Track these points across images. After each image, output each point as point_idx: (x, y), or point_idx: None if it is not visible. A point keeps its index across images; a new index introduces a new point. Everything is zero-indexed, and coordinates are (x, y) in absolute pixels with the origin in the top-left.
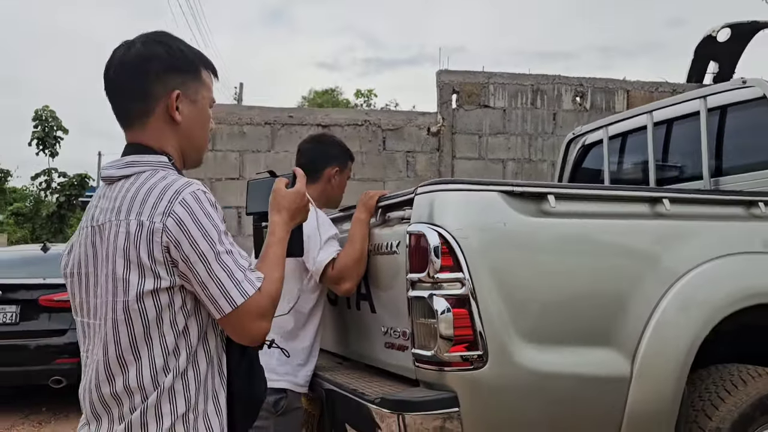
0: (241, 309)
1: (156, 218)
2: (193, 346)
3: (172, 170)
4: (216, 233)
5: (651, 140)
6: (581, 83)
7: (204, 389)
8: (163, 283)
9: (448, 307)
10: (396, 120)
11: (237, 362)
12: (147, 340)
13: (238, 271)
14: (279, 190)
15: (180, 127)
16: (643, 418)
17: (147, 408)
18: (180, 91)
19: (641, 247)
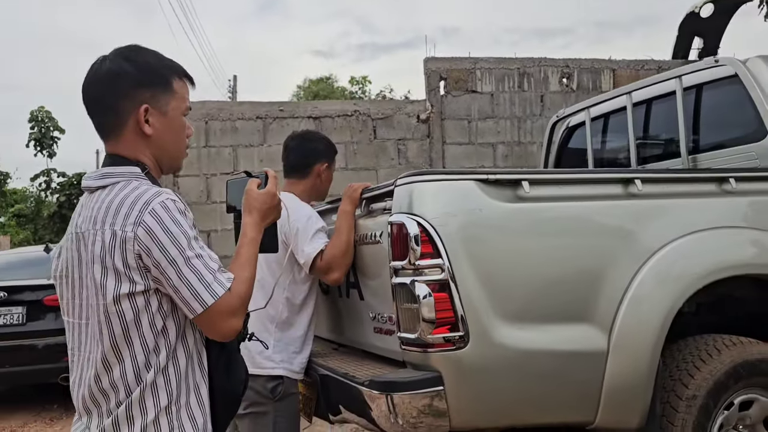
0: (211, 309)
1: (128, 228)
2: (172, 344)
3: (144, 180)
4: (185, 239)
5: (631, 120)
6: (567, 65)
7: (186, 383)
8: (137, 287)
9: (429, 292)
10: (386, 109)
11: (216, 357)
12: (127, 339)
13: (208, 274)
14: (251, 191)
15: (152, 138)
16: (621, 389)
17: (132, 402)
18: (148, 105)
19: (615, 226)
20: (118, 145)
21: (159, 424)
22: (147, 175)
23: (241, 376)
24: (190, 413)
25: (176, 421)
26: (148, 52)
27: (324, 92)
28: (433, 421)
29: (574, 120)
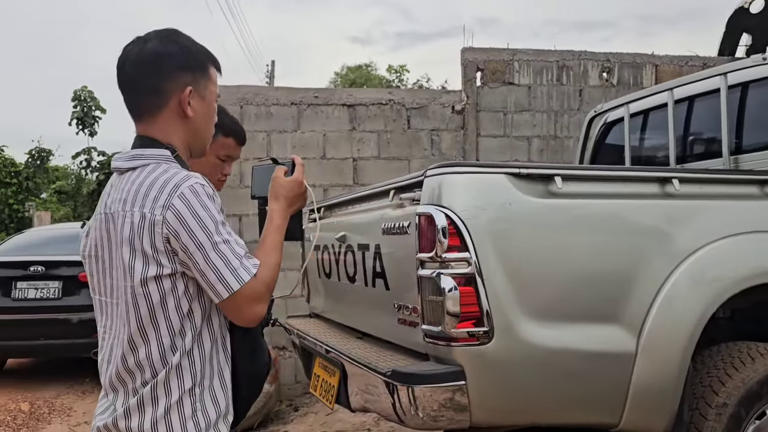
0: (237, 294)
1: (156, 211)
2: (197, 327)
3: (174, 163)
4: (213, 224)
5: (671, 118)
6: (608, 59)
7: (210, 366)
8: (165, 270)
9: (454, 286)
10: (420, 98)
11: (240, 341)
12: (153, 321)
13: (235, 259)
14: (278, 178)
15: (190, 121)
16: (648, 393)
17: (157, 383)
18: (192, 88)
19: (650, 226)
20: (152, 126)
21: (182, 405)
22: (176, 158)
23: (265, 359)
24: (213, 396)
25: (199, 402)
26: (187, 36)
27: (361, 80)
28: (453, 415)
29: (613, 115)
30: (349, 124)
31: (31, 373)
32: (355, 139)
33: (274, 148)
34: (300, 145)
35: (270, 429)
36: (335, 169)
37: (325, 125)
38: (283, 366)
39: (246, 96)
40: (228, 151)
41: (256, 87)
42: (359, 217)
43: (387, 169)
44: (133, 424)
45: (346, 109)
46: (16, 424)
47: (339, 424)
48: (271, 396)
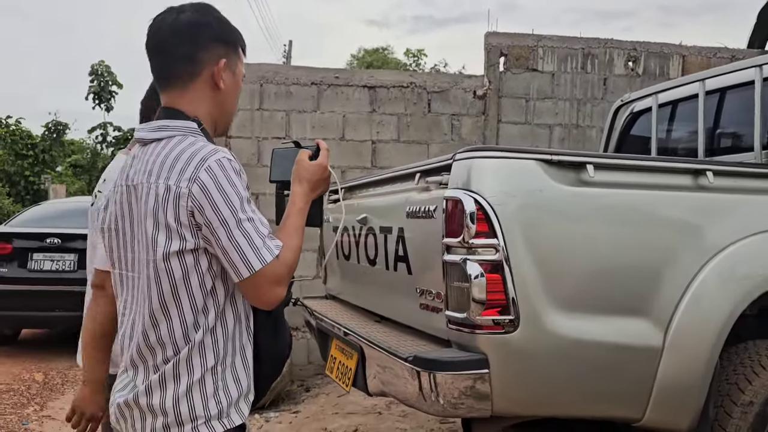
0: (258, 274)
1: (182, 183)
2: (220, 305)
3: (201, 136)
4: (238, 200)
5: (702, 109)
6: (635, 47)
7: (232, 345)
8: (188, 245)
9: (481, 272)
10: (442, 82)
11: (263, 320)
12: (176, 297)
13: (258, 239)
14: (302, 161)
15: (220, 93)
16: (673, 389)
17: (179, 360)
18: (225, 60)
19: (681, 219)
20: (181, 97)
21: (204, 383)
22: (203, 132)
23: (287, 338)
24: (235, 374)
25: (221, 381)
26: (219, 11)
27: (378, 63)
28: (474, 403)
29: (640, 105)
30: (369, 106)
31: (45, 344)
32: (375, 121)
33: (293, 128)
34: (319, 126)
35: (281, 409)
36: (354, 151)
37: (345, 106)
38: (296, 347)
39: (266, 74)
40: None
41: (276, 65)
42: (382, 200)
43: (406, 153)
44: (155, 401)
45: (366, 90)
46: (30, 394)
47: (350, 406)
48: (282, 376)
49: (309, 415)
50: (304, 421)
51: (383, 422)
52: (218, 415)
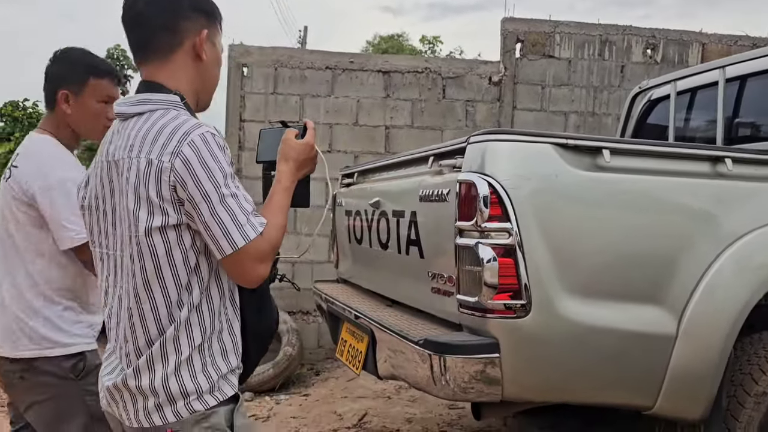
0: (241, 251)
1: (165, 157)
2: (205, 281)
3: (183, 110)
4: (221, 176)
5: (721, 97)
6: (653, 35)
7: (219, 321)
8: (170, 220)
9: (494, 256)
10: (457, 68)
11: (248, 297)
12: (159, 275)
13: (242, 215)
14: (288, 140)
15: (202, 65)
16: (686, 378)
17: (166, 340)
18: (207, 31)
19: (698, 206)
20: (161, 70)
21: (192, 361)
22: (185, 106)
23: (274, 316)
24: (223, 349)
25: (209, 357)
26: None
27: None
28: (484, 388)
29: (658, 93)
30: (384, 91)
31: None
32: (389, 106)
33: (308, 112)
34: (333, 110)
35: (291, 392)
36: (367, 136)
37: (359, 91)
38: (306, 330)
39: (281, 58)
40: (107, 91)
41: (291, 49)
42: (395, 184)
43: (420, 139)
44: (143, 383)
45: (381, 75)
46: None
47: (360, 390)
48: (293, 359)
49: (319, 398)
50: (314, 404)
51: (393, 407)
52: (210, 389)
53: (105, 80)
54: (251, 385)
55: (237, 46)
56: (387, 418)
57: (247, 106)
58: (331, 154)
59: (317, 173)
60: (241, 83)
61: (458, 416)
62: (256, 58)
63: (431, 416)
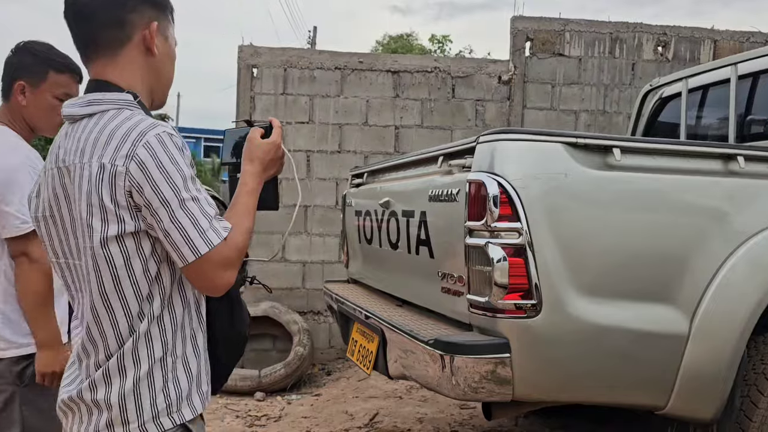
0: (204, 258)
1: (118, 161)
2: (167, 291)
3: (137, 109)
4: (181, 179)
5: (734, 94)
6: (664, 32)
7: (181, 333)
8: (127, 227)
9: (504, 256)
10: (466, 67)
11: (218, 304)
12: (118, 287)
13: (204, 219)
14: (253, 139)
15: (154, 60)
16: (699, 377)
17: (124, 353)
18: (157, 23)
19: (710, 205)
20: (111, 67)
21: (153, 376)
22: (139, 104)
23: (246, 319)
24: (186, 364)
25: (171, 372)
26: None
27: (403, 50)
28: (494, 387)
29: (669, 90)
30: (393, 91)
31: None
32: (398, 106)
33: (317, 113)
34: (342, 111)
35: (302, 392)
36: (377, 136)
37: (369, 91)
38: (317, 330)
39: (290, 59)
40: (65, 88)
41: (300, 50)
42: (404, 183)
43: (429, 138)
44: (99, 396)
45: (390, 75)
46: None
47: (371, 390)
48: (304, 359)
49: (330, 398)
50: (325, 404)
51: (404, 406)
52: (167, 409)
53: (65, 76)
54: (262, 385)
55: (246, 47)
56: (398, 418)
57: (257, 106)
58: (340, 155)
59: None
60: (251, 84)
61: (469, 416)
62: (265, 59)
63: (442, 416)
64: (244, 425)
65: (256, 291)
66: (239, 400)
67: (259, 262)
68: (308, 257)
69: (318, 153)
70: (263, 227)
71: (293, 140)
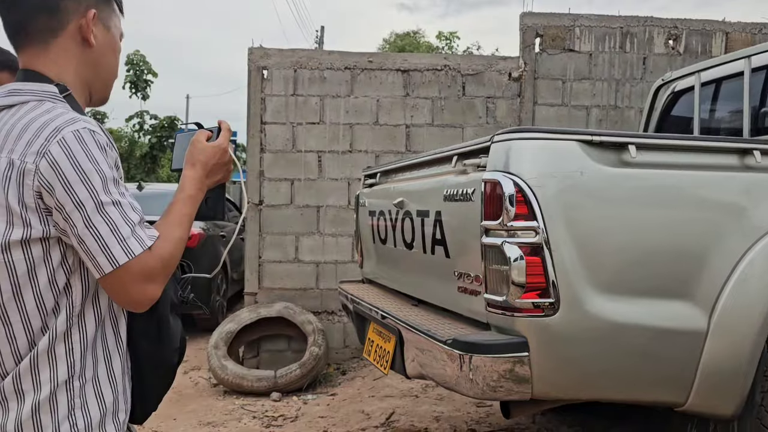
0: (123, 269)
1: (28, 158)
2: (76, 306)
3: (61, 102)
4: (99, 180)
5: (747, 87)
6: (675, 25)
7: (93, 353)
8: (34, 233)
9: (521, 255)
10: (476, 65)
11: (144, 323)
12: (18, 298)
13: (125, 226)
14: (197, 142)
15: (91, 51)
16: (718, 373)
17: (21, 373)
18: (96, 11)
19: (727, 200)
20: (42, 57)
21: (56, 401)
22: (67, 98)
23: (176, 344)
24: (98, 390)
25: (78, 398)
26: None
27: (410, 47)
28: (513, 386)
29: (681, 84)
30: (403, 90)
31: None
32: (409, 105)
33: (327, 113)
34: (353, 110)
35: (318, 392)
36: (388, 136)
37: (379, 90)
38: (331, 330)
39: (300, 60)
40: None
41: (310, 51)
42: (418, 183)
43: (440, 137)
44: None
45: (400, 74)
46: None
47: (387, 389)
48: (319, 359)
49: (346, 397)
50: (341, 404)
51: (420, 405)
52: None
53: (4, 73)
54: (278, 385)
55: (256, 49)
56: (415, 417)
57: (267, 108)
58: (351, 154)
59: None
60: (262, 86)
61: (486, 414)
62: (275, 60)
63: (459, 414)
64: (261, 426)
65: (270, 292)
66: (255, 400)
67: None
68: (321, 257)
69: (329, 153)
70: (276, 228)
71: (305, 141)
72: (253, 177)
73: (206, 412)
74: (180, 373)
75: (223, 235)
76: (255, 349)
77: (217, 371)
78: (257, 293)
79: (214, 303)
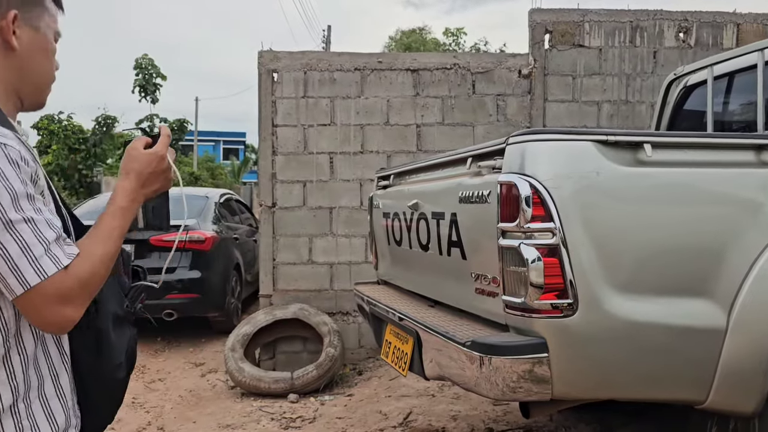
0: (35, 291)
1: None
2: (11, 327)
3: None
4: (9, 196)
5: (761, 81)
6: (686, 18)
7: (36, 372)
8: None
9: (538, 256)
10: (486, 62)
11: (81, 336)
12: None
13: (38, 245)
14: (131, 149)
15: (16, 55)
16: (738, 371)
17: None
18: (17, 12)
19: (744, 197)
20: None
21: (1, 426)
22: None
23: (118, 358)
24: (46, 409)
25: (27, 420)
26: None
27: (416, 44)
28: (533, 387)
29: (693, 79)
30: (413, 90)
31: None
32: (419, 104)
33: (338, 114)
34: (363, 111)
35: (335, 392)
36: (399, 135)
37: (389, 91)
38: (347, 331)
39: (310, 62)
40: None
41: (319, 53)
42: (433, 185)
43: (451, 135)
44: None
45: (409, 74)
46: None
47: (403, 389)
48: (335, 360)
49: (363, 398)
50: (358, 404)
51: (437, 405)
52: None
53: None
54: (295, 387)
55: (266, 52)
56: (432, 416)
57: (278, 110)
58: (363, 155)
59: None
60: (272, 88)
61: (503, 412)
62: (285, 63)
63: (476, 413)
64: (279, 427)
65: (284, 294)
66: (273, 402)
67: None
68: (335, 258)
69: (341, 154)
70: (290, 230)
71: (316, 142)
72: (266, 179)
73: (225, 415)
74: (198, 376)
75: (236, 237)
76: (271, 350)
77: (234, 373)
78: (272, 295)
79: (228, 305)
